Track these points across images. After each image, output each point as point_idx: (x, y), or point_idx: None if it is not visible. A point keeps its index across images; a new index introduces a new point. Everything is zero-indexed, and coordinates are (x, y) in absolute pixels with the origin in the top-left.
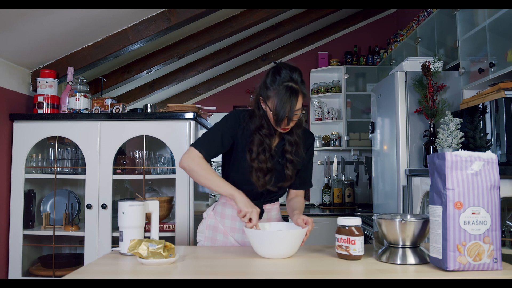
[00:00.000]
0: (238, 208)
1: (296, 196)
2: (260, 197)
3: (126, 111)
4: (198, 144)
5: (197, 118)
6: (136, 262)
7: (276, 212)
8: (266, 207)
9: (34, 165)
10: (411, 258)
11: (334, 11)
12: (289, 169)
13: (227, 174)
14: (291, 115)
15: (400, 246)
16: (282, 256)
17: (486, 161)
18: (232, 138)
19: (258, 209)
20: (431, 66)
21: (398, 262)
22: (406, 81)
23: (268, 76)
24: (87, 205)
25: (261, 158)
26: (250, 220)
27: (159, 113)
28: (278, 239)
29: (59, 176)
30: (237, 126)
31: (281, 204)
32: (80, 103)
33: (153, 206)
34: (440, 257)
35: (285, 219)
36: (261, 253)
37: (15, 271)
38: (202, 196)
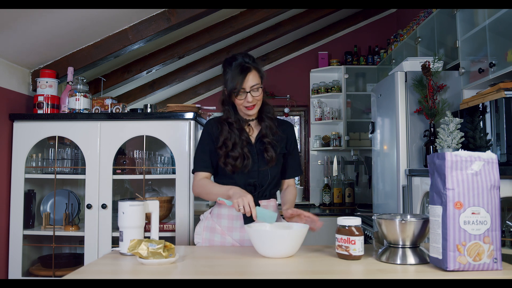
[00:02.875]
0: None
1: (287, 187)
2: (254, 191)
3: (126, 111)
4: (194, 168)
5: (197, 118)
6: (136, 262)
7: (273, 210)
8: (262, 203)
9: (34, 165)
10: (411, 258)
11: (334, 11)
12: (269, 151)
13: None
14: (240, 86)
15: (400, 246)
16: (283, 256)
17: (486, 161)
18: (213, 144)
19: (249, 195)
20: (431, 66)
21: (398, 262)
22: (406, 81)
23: (225, 65)
24: (87, 205)
25: (227, 144)
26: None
27: (159, 113)
28: (279, 238)
29: (59, 176)
30: (212, 132)
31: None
32: (80, 103)
33: (153, 206)
34: (440, 257)
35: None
36: (262, 252)
37: (15, 271)
38: None
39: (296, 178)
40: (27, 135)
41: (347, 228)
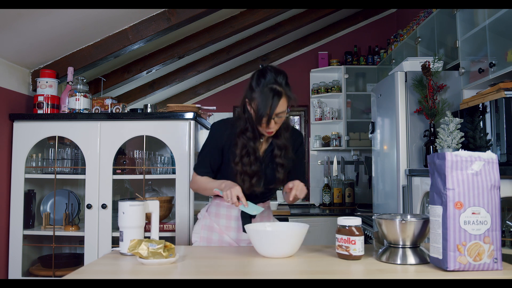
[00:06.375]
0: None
1: None
2: (255, 198)
3: (126, 111)
4: (195, 168)
5: (197, 118)
6: (136, 262)
7: (267, 212)
8: (259, 205)
9: (34, 165)
10: (411, 258)
11: (334, 11)
12: (280, 172)
13: None
14: (271, 113)
15: (400, 246)
16: (283, 255)
17: (486, 161)
18: (219, 150)
19: (237, 187)
20: (431, 66)
21: (398, 262)
22: (406, 81)
23: (253, 79)
24: (87, 205)
25: (244, 161)
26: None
27: (159, 113)
28: (279, 238)
29: (59, 176)
30: (221, 137)
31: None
32: (80, 103)
33: (153, 206)
34: (440, 257)
35: (279, 219)
36: (262, 252)
37: (15, 271)
38: (202, 196)
39: None
40: (27, 135)
41: (347, 228)
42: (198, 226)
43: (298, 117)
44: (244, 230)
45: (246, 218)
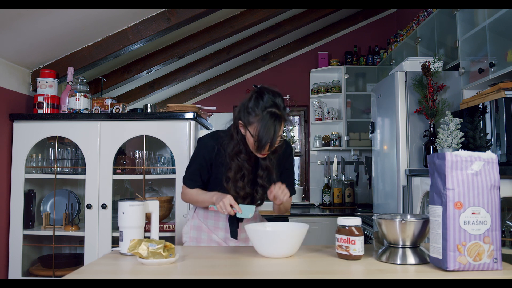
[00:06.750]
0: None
1: None
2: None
3: (126, 111)
4: (184, 181)
5: (197, 118)
6: (136, 262)
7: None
8: None
9: (34, 165)
10: (411, 258)
11: (334, 11)
12: (259, 194)
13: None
14: (274, 142)
15: (400, 246)
16: (283, 255)
17: (486, 161)
18: (208, 165)
19: (228, 196)
20: (431, 66)
21: (398, 262)
22: (406, 81)
23: (250, 101)
24: (87, 205)
25: (239, 185)
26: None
27: (159, 113)
28: (278, 238)
29: (59, 176)
30: (211, 152)
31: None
32: (80, 103)
33: (153, 206)
34: (440, 257)
35: (268, 219)
36: (262, 252)
37: (15, 271)
38: None
39: (296, 178)
40: (27, 135)
41: (347, 228)
42: (187, 227)
43: (298, 117)
44: (232, 236)
45: (234, 224)
